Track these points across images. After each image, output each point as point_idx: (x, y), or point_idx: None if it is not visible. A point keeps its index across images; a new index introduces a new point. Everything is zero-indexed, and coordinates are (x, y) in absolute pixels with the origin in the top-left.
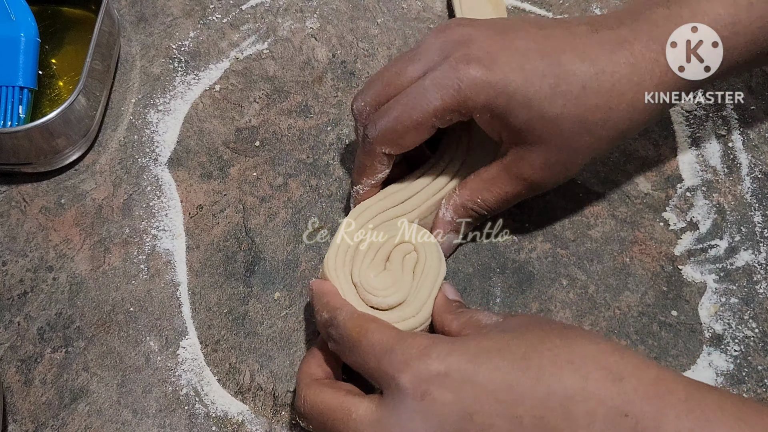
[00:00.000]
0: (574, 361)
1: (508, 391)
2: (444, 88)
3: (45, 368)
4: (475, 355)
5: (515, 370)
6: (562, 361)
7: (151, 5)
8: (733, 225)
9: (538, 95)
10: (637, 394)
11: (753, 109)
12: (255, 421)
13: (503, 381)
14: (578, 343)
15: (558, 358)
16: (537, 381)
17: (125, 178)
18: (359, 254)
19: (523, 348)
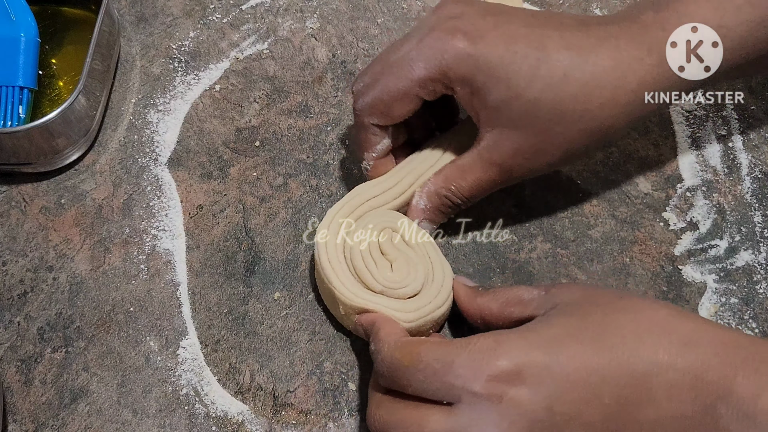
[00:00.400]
0: (642, 335)
1: (588, 376)
2: (428, 59)
3: (45, 368)
4: (548, 345)
5: (589, 353)
6: (632, 336)
7: (151, 5)
8: (733, 225)
9: (518, 75)
10: (709, 359)
11: (753, 109)
12: (255, 421)
13: (582, 367)
14: (642, 315)
15: (627, 334)
16: (612, 361)
17: (125, 178)
18: (360, 255)
19: (591, 329)
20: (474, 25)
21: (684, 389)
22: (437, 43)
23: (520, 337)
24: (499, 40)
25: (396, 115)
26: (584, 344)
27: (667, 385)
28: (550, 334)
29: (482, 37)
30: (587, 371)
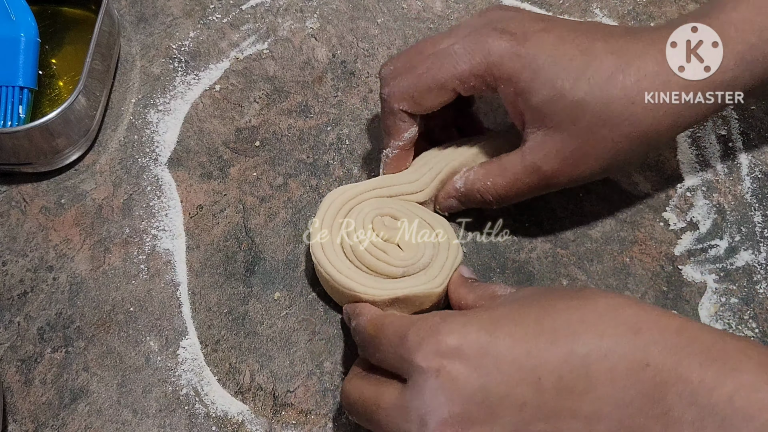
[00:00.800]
0: (587, 319)
1: (526, 357)
2: (473, 53)
3: (45, 368)
4: (488, 325)
5: (530, 335)
6: (576, 320)
7: (151, 5)
8: (733, 225)
9: (564, 75)
10: (656, 346)
11: (753, 109)
12: (255, 421)
13: (519, 348)
14: (591, 301)
15: (572, 317)
16: (552, 343)
17: (125, 178)
18: (367, 252)
19: (536, 312)
20: (522, 27)
21: (625, 375)
22: (485, 39)
23: (464, 316)
24: (546, 41)
25: (427, 105)
26: (525, 326)
27: (606, 370)
28: (494, 315)
29: (529, 39)
30: (524, 353)
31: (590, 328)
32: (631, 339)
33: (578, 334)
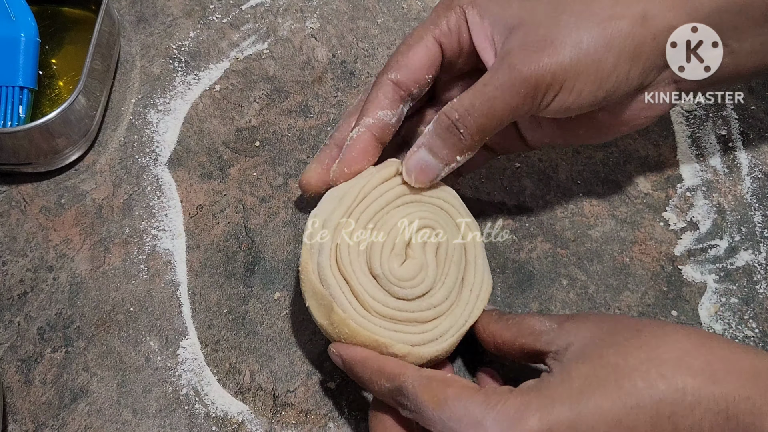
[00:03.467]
0: (665, 374)
1: (617, 426)
2: (446, 6)
3: (45, 368)
4: (570, 401)
5: (613, 402)
6: (655, 377)
7: (151, 5)
8: (733, 225)
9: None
10: (736, 390)
11: (753, 109)
12: (255, 421)
13: (606, 418)
14: (662, 350)
15: (650, 375)
16: (636, 406)
17: (125, 178)
18: (375, 245)
19: (611, 376)
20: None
21: (713, 426)
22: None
23: (544, 395)
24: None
25: (414, 66)
26: (606, 394)
27: (694, 424)
28: (572, 387)
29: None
30: (613, 422)
31: (670, 380)
32: (711, 388)
33: (659, 391)
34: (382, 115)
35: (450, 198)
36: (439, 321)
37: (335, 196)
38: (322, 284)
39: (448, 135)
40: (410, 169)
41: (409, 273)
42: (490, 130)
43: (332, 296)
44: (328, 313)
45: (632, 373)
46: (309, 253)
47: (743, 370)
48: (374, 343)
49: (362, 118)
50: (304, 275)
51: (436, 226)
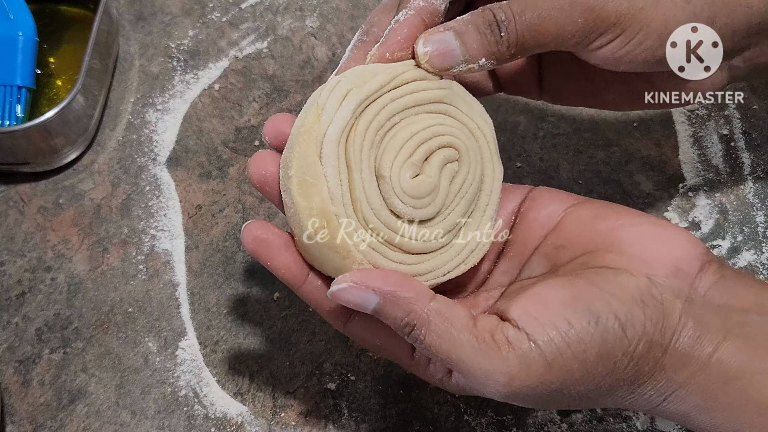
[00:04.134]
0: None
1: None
2: None
3: (43, 369)
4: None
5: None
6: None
7: (149, 4)
8: (736, 225)
9: None
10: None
11: (755, 109)
12: (254, 422)
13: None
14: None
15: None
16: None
17: (124, 178)
18: (394, 142)
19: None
20: None
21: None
22: None
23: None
24: None
25: None
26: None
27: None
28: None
29: None
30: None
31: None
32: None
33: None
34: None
35: (484, 125)
36: (421, 259)
37: (369, 70)
38: (320, 159)
39: (487, 31)
40: (430, 43)
41: (417, 190)
42: (530, 47)
43: (327, 179)
44: (310, 195)
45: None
46: (318, 118)
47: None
48: (344, 252)
49: (410, 0)
50: (302, 139)
51: (463, 152)
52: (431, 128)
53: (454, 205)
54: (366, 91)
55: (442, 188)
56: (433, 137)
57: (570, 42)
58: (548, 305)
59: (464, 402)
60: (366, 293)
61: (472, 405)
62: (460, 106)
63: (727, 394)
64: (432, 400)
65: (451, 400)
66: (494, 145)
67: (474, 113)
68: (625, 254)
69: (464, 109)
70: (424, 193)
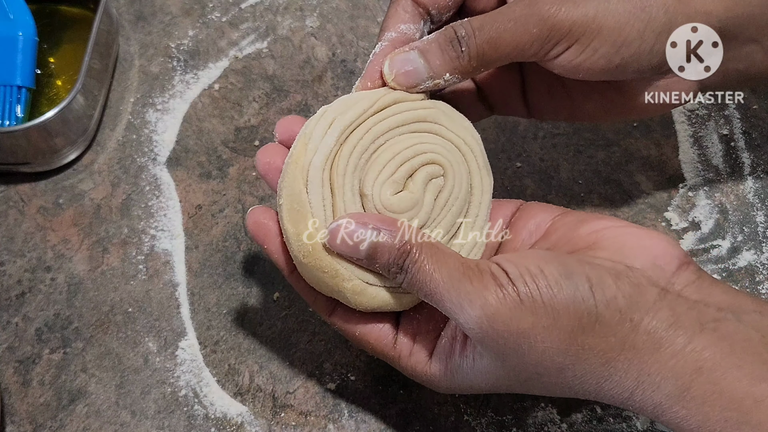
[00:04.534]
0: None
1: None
2: None
3: (43, 369)
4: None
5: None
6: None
7: (149, 4)
8: (736, 225)
9: None
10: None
11: (755, 109)
12: (254, 422)
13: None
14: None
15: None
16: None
17: (124, 178)
18: (377, 163)
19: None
20: None
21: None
22: None
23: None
24: None
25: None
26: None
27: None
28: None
29: None
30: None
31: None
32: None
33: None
34: (405, 28)
35: (471, 140)
36: None
37: (353, 98)
38: (306, 187)
39: (448, 47)
40: (394, 64)
41: (399, 205)
42: (490, 60)
43: (311, 206)
44: (297, 221)
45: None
46: (305, 148)
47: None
48: (331, 272)
49: (384, 33)
50: (290, 168)
51: (447, 167)
52: (414, 147)
53: (440, 218)
54: (350, 117)
55: (427, 202)
56: (416, 155)
57: (529, 52)
58: (527, 256)
59: (464, 402)
60: (364, 227)
61: (472, 405)
62: (444, 123)
63: (699, 386)
64: (432, 400)
65: (451, 400)
66: (482, 159)
67: (459, 129)
68: (606, 249)
69: (449, 125)
70: (405, 208)
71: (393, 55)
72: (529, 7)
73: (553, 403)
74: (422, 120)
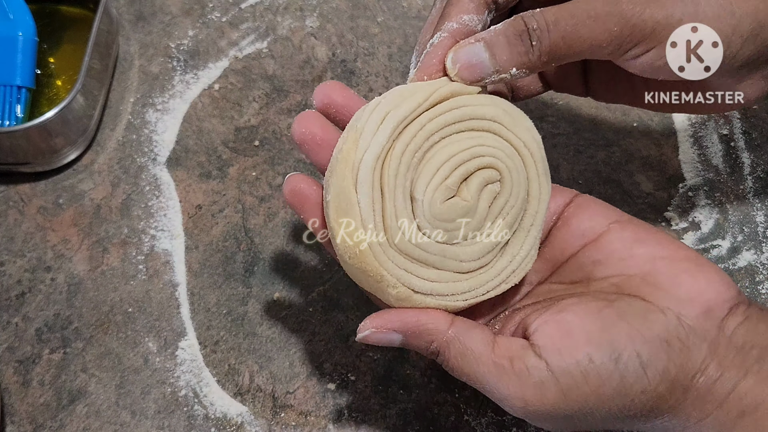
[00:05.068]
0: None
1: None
2: None
3: (43, 369)
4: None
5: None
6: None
7: (149, 4)
8: (736, 225)
9: None
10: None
11: (755, 109)
12: (254, 422)
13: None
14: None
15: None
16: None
17: (124, 178)
18: (430, 165)
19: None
20: None
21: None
22: None
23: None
24: None
25: None
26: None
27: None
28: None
29: None
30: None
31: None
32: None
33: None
34: (467, 20)
35: (531, 143)
36: (458, 278)
37: (408, 89)
38: (355, 187)
39: (517, 41)
40: (458, 58)
41: (450, 213)
42: (563, 56)
43: (360, 207)
44: (344, 222)
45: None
46: (355, 144)
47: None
48: (377, 276)
49: (444, 22)
50: (339, 166)
51: (504, 173)
52: (471, 149)
53: (494, 227)
54: (404, 112)
55: (480, 210)
56: (472, 158)
57: (604, 51)
58: (573, 336)
59: (464, 402)
60: (388, 335)
61: (472, 405)
62: (505, 122)
63: (742, 428)
64: (432, 400)
65: (451, 400)
66: (542, 164)
67: (521, 130)
68: (660, 289)
69: (509, 125)
70: (455, 216)
71: (458, 48)
72: (611, 4)
73: None
74: (481, 118)
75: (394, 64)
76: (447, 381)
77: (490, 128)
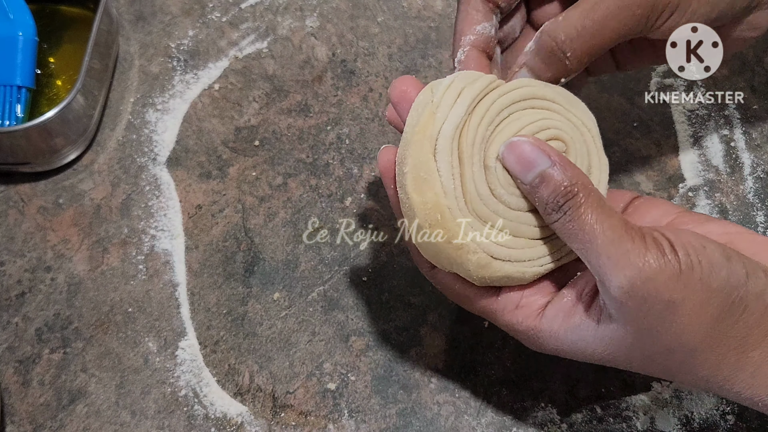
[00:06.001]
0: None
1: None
2: None
3: (43, 369)
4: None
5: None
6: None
7: (149, 4)
8: None
9: None
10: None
11: (755, 109)
12: (254, 422)
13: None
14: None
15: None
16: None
17: (124, 178)
18: (502, 135)
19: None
20: None
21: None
22: None
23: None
24: None
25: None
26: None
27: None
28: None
29: None
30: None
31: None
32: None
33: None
34: (480, 29)
35: (588, 122)
36: (532, 244)
37: (475, 72)
38: (434, 155)
39: (552, 59)
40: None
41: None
42: (599, 52)
43: (440, 174)
44: (424, 190)
45: None
46: (433, 116)
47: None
48: (457, 244)
49: (461, 37)
50: (416, 137)
51: (569, 144)
52: (539, 122)
53: None
54: (478, 87)
55: None
56: (541, 130)
57: (635, 32)
58: (686, 233)
59: (464, 402)
60: (542, 154)
61: (472, 405)
62: (563, 103)
63: None
64: (432, 400)
65: (451, 400)
66: (599, 140)
67: (577, 110)
68: (743, 252)
69: (567, 105)
70: None
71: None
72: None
73: (553, 403)
74: (542, 98)
75: (394, 64)
76: (447, 381)
77: (551, 107)
